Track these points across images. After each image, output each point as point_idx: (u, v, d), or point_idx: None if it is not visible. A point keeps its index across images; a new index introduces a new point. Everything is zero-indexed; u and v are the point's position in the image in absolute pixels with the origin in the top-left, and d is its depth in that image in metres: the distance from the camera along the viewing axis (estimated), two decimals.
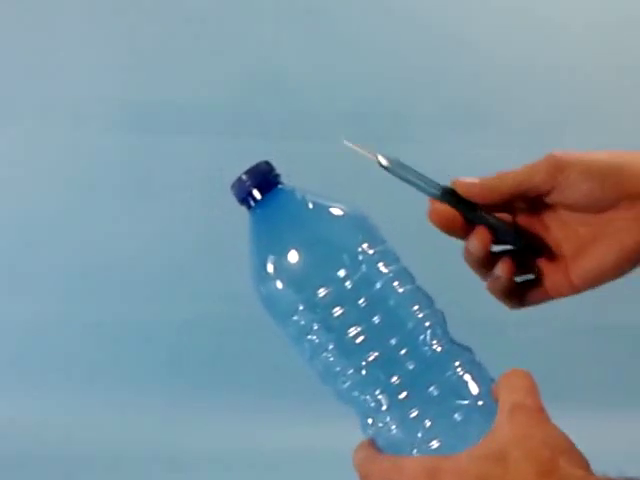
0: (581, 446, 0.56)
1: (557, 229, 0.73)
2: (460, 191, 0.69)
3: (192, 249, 1.98)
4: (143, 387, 1.95)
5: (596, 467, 0.55)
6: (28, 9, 1.94)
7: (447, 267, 1.92)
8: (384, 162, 0.69)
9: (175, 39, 1.96)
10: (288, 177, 0.66)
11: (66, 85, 1.95)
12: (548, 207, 0.72)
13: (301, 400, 1.78)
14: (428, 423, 0.60)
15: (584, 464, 0.55)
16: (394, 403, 0.60)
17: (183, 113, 1.96)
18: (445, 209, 0.69)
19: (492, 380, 0.61)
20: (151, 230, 1.98)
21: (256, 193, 0.64)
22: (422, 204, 0.70)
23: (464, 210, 0.69)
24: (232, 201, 0.65)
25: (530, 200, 0.71)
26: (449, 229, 0.70)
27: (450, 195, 0.69)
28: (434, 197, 0.69)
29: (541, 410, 0.57)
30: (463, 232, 0.70)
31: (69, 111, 1.95)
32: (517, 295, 0.74)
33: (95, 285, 1.98)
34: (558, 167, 0.69)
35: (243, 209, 0.66)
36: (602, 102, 2.02)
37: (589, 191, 0.69)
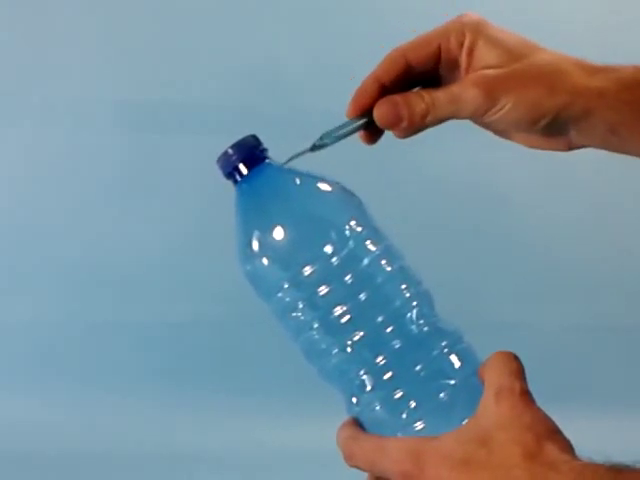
0: (580, 446, 0.55)
1: None
2: (383, 127, 0.67)
3: (192, 249, 1.98)
4: (142, 387, 1.95)
5: None
6: (28, 9, 1.95)
7: (447, 268, 1.92)
8: (316, 143, 0.66)
9: (175, 38, 1.96)
10: None
11: (66, 85, 1.95)
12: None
13: (300, 400, 1.78)
14: (413, 404, 0.59)
15: (569, 448, 0.55)
16: (379, 383, 0.60)
17: (183, 113, 1.96)
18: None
19: (479, 361, 0.61)
20: (151, 230, 1.98)
21: (242, 167, 0.63)
22: (420, 207, 0.70)
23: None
24: (232, 201, 0.64)
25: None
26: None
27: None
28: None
29: (527, 393, 0.57)
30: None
31: (69, 111, 1.95)
32: None
33: (95, 285, 1.98)
34: (491, 97, 0.65)
35: None
36: None
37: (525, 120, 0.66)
